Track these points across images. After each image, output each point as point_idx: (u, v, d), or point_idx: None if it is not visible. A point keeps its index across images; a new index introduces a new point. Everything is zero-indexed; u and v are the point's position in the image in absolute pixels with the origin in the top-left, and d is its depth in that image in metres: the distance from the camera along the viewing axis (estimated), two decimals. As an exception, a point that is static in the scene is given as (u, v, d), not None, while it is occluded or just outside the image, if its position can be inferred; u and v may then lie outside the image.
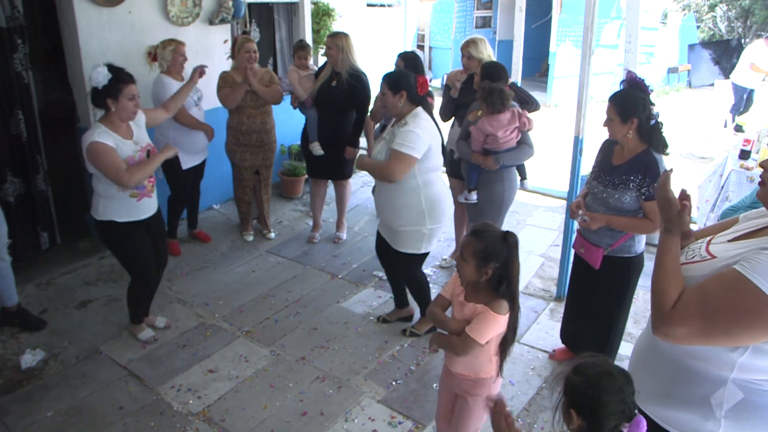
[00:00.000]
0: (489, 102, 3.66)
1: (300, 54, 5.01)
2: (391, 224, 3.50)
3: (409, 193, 3.36)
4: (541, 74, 15.00)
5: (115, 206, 3.33)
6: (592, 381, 1.55)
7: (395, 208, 3.42)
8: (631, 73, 3.00)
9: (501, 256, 2.19)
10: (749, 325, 1.45)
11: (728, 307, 1.46)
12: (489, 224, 2.30)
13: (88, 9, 4.41)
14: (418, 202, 3.37)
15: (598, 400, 1.53)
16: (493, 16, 14.77)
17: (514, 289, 2.24)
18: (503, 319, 2.24)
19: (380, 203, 3.54)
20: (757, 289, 1.42)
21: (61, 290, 4.35)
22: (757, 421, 1.60)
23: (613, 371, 1.57)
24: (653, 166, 2.82)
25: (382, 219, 3.58)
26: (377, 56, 7.36)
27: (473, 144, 3.79)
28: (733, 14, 17.69)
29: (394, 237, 3.53)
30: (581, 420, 1.58)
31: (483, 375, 2.38)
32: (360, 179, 6.75)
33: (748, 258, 1.49)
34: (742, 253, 1.54)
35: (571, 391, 1.60)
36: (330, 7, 6.65)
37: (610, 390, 1.53)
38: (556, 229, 5.46)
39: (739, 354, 1.54)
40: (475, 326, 2.23)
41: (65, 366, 3.54)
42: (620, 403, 1.53)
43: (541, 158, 4.31)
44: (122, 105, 3.18)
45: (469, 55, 4.22)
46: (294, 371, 3.53)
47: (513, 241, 2.21)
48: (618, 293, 3.17)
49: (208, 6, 5.32)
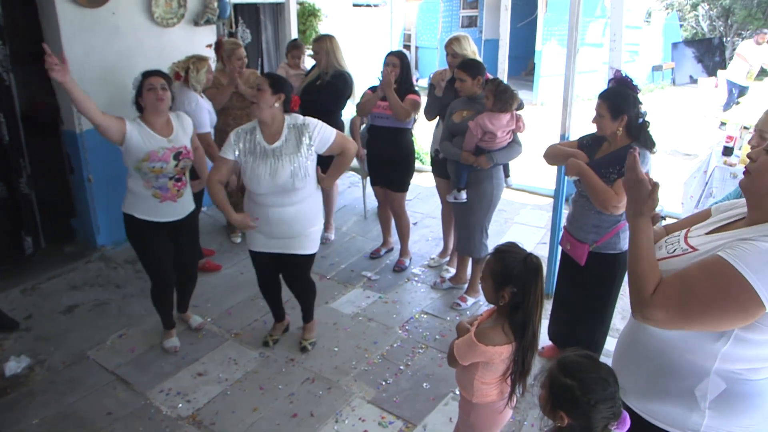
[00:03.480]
0: (501, 99, 3.65)
1: (294, 53, 5.00)
2: (302, 231, 3.34)
3: (312, 198, 3.34)
4: (527, 73, 15.09)
5: (138, 202, 3.38)
6: (586, 387, 1.56)
7: (307, 216, 3.33)
8: (618, 71, 3.03)
9: (519, 281, 2.04)
10: (726, 309, 1.47)
11: (708, 292, 1.48)
12: (514, 244, 2.16)
13: (70, 10, 4.36)
14: (317, 201, 3.41)
15: (594, 408, 1.54)
16: (479, 16, 14.84)
17: (527, 320, 2.07)
18: (490, 350, 2.10)
19: (291, 221, 3.27)
20: (739, 274, 1.44)
21: (46, 295, 4.30)
22: (740, 409, 1.63)
23: (607, 377, 1.58)
24: None
25: (289, 232, 3.31)
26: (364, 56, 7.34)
27: (467, 142, 3.77)
28: (715, 13, 17.88)
29: (303, 242, 3.37)
30: (571, 419, 1.59)
31: (474, 398, 2.28)
32: (347, 179, 6.74)
33: (731, 246, 1.51)
34: (722, 243, 1.57)
35: (562, 394, 1.59)
36: (316, 7, 6.63)
37: (605, 398, 1.55)
38: (544, 227, 5.48)
39: (722, 344, 1.56)
40: (461, 344, 2.18)
41: (51, 372, 3.50)
42: (611, 407, 1.56)
43: (528, 156, 4.32)
44: (144, 97, 3.25)
45: (453, 52, 4.22)
46: (283, 373, 3.51)
47: (533, 266, 2.06)
48: (604, 289, 3.19)
49: (193, 7, 5.28)
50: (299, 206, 3.25)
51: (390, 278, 4.64)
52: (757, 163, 1.58)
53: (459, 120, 3.84)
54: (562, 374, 1.61)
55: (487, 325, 2.16)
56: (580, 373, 1.58)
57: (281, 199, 3.19)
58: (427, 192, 6.22)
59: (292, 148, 3.15)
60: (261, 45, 6.58)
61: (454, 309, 4.17)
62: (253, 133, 3.19)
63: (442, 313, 4.14)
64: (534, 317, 2.08)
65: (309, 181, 3.23)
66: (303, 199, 3.25)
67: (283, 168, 3.11)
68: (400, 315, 4.12)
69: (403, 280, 4.61)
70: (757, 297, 1.42)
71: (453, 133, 3.89)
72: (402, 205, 4.68)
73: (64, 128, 4.67)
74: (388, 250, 5.04)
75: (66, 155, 4.72)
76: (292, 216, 3.26)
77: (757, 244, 1.47)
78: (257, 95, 3.13)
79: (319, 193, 3.41)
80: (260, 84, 3.13)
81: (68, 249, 4.85)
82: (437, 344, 3.77)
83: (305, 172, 3.17)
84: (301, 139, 3.17)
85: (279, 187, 3.14)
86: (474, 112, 3.81)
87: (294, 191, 3.18)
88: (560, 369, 1.63)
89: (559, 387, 1.60)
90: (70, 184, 4.82)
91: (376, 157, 4.60)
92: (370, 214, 5.80)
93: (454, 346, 2.20)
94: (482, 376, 2.21)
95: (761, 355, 1.58)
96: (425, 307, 4.21)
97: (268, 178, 3.11)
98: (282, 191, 3.16)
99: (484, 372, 2.20)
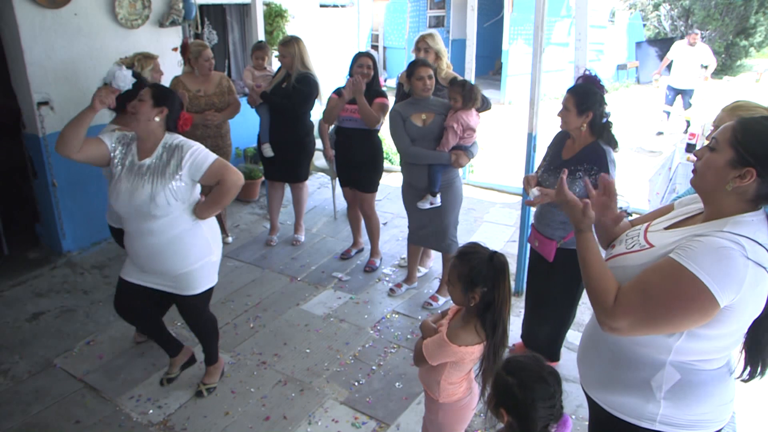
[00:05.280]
0: (471, 97, 3.71)
1: (257, 54, 4.98)
2: (177, 270, 2.95)
3: (189, 232, 2.93)
4: (495, 72, 15.23)
5: (111, 212, 3.38)
6: (526, 385, 1.60)
7: (179, 252, 2.92)
8: (587, 71, 3.09)
9: (488, 281, 2.04)
10: (687, 311, 1.52)
11: (667, 296, 1.53)
12: (477, 244, 2.15)
13: (30, 10, 4.26)
14: (200, 233, 2.98)
15: (531, 405, 1.59)
16: (446, 16, 14.92)
17: (497, 318, 2.07)
18: (462, 351, 2.11)
19: (154, 254, 2.91)
20: (692, 275, 1.49)
21: (10, 303, 4.20)
22: (694, 398, 1.68)
23: (547, 377, 1.62)
24: (602, 157, 2.91)
25: (159, 270, 2.96)
26: (331, 57, 7.33)
27: (447, 141, 3.77)
28: (676, 13, 18.28)
29: (184, 281, 2.99)
30: (510, 418, 1.63)
31: (440, 398, 2.29)
32: (317, 180, 6.72)
33: (682, 246, 1.56)
34: (678, 240, 1.62)
35: (504, 391, 1.64)
36: (282, 8, 6.59)
37: (543, 397, 1.59)
38: (513, 225, 5.54)
39: (675, 339, 1.62)
40: (430, 344, 2.19)
41: (16, 382, 3.43)
42: (551, 407, 1.60)
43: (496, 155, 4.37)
44: None
45: (426, 47, 4.23)
46: (255, 376, 3.49)
47: (500, 264, 2.05)
48: (572, 285, 3.23)
49: (157, 8, 5.21)
50: (164, 238, 2.86)
51: (361, 279, 4.64)
52: (701, 161, 1.64)
53: (422, 124, 3.85)
54: (505, 372, 1.66)
55: (458, 325, 2.16)
56: (521, 372, 1.63)
57: (142, 225, 2.85)
58: (396, 192, 6.20)
59: (159, 170, 2.80)
60: (228, 46, 6.53)
61: (425, 308, 4.18)
62: (131, 144, 2.91)
63: (414, 313, 4.16)
64: (504, 314, 2.09)
65: (174, 211, 2.83)
66: (167, 230, 2.86)
67: (143, 188, 2.76)
68: (372, 315, 4.13)
69: (374, 281, 4.62)
70: (711, 295, 1.47)
71: (414, 138, 3.86)
72: (372, 205, 4.68)
73: (26, 131, 4.57)
74: (359, 251, 5.05)
75: (29, 159, 4.62)
76: (157, 249, 2.89)
77: (704, 240, 1.53)
78: (136, 105, 2.80)
79: (204, 226, 3.00)
80: (142, 94, 2.81)
81: (32, 255, 4.75)
82: (409, 344, 3.78)
83: (168, 200, 2.77)
84: (170, 161, 2.81)
85: (135, 210, 2.80)
86: (434, 114, 3.84)
87: (153, 219, 2.81)
88: (505, 367, 1.68)
89: (501, 384, 1.65)
90: (34, 188, 4.72)
91: (345, 159, 4.59)
92: (339, 215, 5.80)
93: (423, 347, 2.21)
94: (449, 376, 2.22)
95: (713, 347, 1.63)
96: (396, 307, 4.23)
97: (126, 196, 2.79)
98: (140, 216, 2.82)
99: (451, 372, 2.21)
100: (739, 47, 17.45)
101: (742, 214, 1.56)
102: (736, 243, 1.49)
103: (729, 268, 1.47)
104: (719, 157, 1.58)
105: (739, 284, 1.47)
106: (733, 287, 1.47)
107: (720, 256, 1.48)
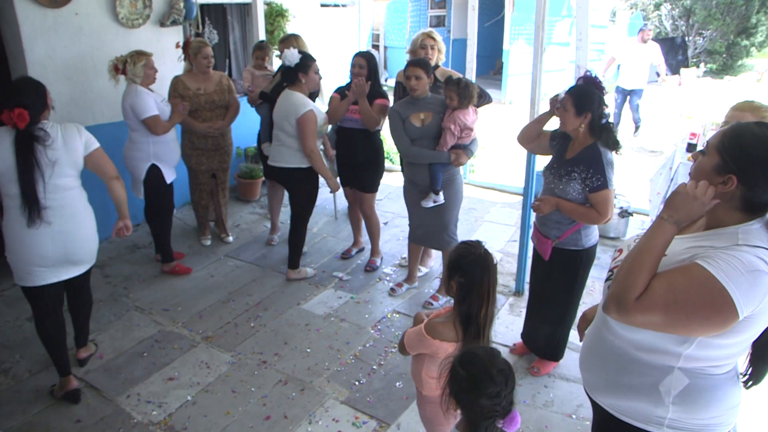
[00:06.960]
0: (465, 95, 3.70)
1: (258, 54, 4.99)
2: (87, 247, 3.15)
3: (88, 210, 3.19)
4: (495, 72, 15.23)
5: None
6: (473, 379, 1.62)
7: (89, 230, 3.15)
8: (588, 71, 3.08)
9: (466, 272, 2.04)
10: (708, 320, 1.50)
11: (693, 302, 1.50)
12: (478, 242, 2.14)
13: (31, 10, 4.27)
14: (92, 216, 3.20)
15: (475, 400, 1.61)
16: (446, 15, 14.92)
17: (470, 312, 2.06)
18: (436, 344, 2.11)
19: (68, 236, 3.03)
20: (722, 287, 1.46)
21: (10, 302, 4.21)
22: (702, 403, 1.67)
23: (495, 375, 1.61)
24: (598, 159, 2.89)
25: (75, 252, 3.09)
26: (332, 56, 7.34)
27: (446, 142, 3.78)
28: (677, 13, 18.28)
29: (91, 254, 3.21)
30: (458, 409, 1.67)
31: (424, 391, 2.30)
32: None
33: (709, 255, 1.52)
34: (690, 248, 1.59)
35: (454, 383, 1.66)
36: (283, 7, 6.59)
37: (488, 394, 1.60)
38: (514, 225, 5.54)
39: (686, 347, 1.60)
40: (411, 334, 2.21)
41: (17, 381, 3.43)
42: (494, 405, 1.60)
43: (497, 155, 4.36)
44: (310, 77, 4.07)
45: (431, 45, 4.25)
46: (256, 375, 3.49)
47: (481, 259, 2.05)
48: (566, 285, 3.24)
49: (158, 7, 5.22)
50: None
51: (361, 278, 4.64)
52: (695, 165, 1.63)
53: (421, 125, 3.85)
54: (459, 364, 1.67)
55: (441, 320, 2.18)
56: (472, 366, 1.64)
57: None
58: (397, 191, 6.23)
59: None
60: (228, 46, 6.53)
61: (426, 308, 4.18)
62: None
63: (414, 313, 4.13)
64: (479, 312, 2.06)
65: None
66: None
67: None
68: (372, 315, 4.13)
69: (374, 280, 4.62)
70: (735, 309, 1.46)
71: (414, 138, 3.86)
72: (372, 205, 4.68)
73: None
74: (359, 250, 5.05)
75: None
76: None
77: (739, 256, 1.49)
78: None
79: None
80: None
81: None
82: (410, 343, 3.78)
83: None
84: None
85: None
86: (432, 113, 3.83)
87: None
88: (460, 359, 1.69)
89: (453, 376, 1.67)
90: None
91: (346, 159, 4.59)
92: (340, 215, 5.80)
93: (406, 335, 2.24)
94: (428, 369, 2.23)
95: (723, 354, 1.62)
96: (397, 307, 4.23)
97: None
98: None
99: (429, 365, 2.22)
100: (740, 47, 17.46)
101: (746, 222, 1.55)
102: (765, 263, 1.47)
103: (757, 287, 1.46)
104: (707, 162, 1.58)
105: (761, 299, 1.47)
106: (755, 302, 1.47)
107: (755, 279, 1.46)
